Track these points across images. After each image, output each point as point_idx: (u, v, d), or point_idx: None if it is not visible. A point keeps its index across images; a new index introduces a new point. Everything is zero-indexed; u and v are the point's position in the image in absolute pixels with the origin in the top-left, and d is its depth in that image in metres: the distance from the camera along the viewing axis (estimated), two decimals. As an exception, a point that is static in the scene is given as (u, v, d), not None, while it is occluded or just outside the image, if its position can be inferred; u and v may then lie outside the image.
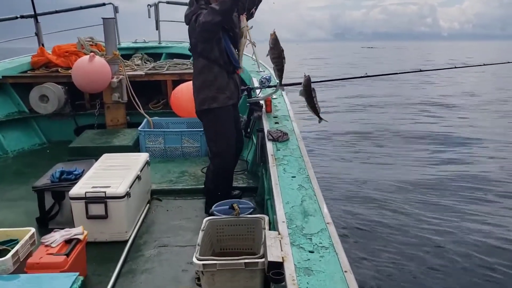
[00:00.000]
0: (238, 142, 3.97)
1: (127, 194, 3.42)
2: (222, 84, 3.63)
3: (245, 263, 2.64)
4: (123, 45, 7.40)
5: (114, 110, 5.75)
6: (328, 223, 2.42)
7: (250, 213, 3.40)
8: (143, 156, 4.07)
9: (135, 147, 5.14)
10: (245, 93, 4.58)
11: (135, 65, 6.62)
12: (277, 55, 3.70)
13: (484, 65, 4.70)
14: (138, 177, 3.72)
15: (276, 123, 4.13)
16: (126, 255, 3.28)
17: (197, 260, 2.66)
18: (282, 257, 2.09)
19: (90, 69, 5.25)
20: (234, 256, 3.16)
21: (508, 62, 5.01)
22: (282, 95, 4.88)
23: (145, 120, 5.52)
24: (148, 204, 4.08)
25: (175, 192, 4.32)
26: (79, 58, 5.46)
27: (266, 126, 4.00)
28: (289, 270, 1.98)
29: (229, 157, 3.75)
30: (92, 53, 5.38)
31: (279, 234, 2.32)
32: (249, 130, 4.58)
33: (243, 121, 4.68)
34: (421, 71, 4.60)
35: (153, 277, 3.04)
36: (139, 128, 5.26)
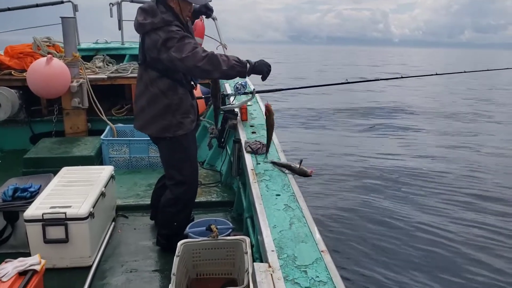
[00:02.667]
0: None
1: (91, 215, 3.06)
2: (187, 107, 3.19)
3: (227, 295, 2.36)
4: (83, 45, 6.93)
5: (74, 116, 5.31)
6: (322, 251, 2.17)
7: (228, 234, 3.12)
8: (108, 170, 3.70)
9: (97, 157, 4.74)
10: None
11: (97, 67, 6.18)
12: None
13: (465, 72, 4.63)
14: (102, 194, 3.36)
15: (253, 132, 3.87)
16: (90, 283, 2.92)
17: (173, 293, 2.35)
18: (277, 297, 1.82)
19: (48, 72, 4.81)
20: (211, 283, 2.89)
21: (488, 70, 4.97)
22: (258, 102, 4.62)
23: (107, 127, 5.13)
24: (113, 222, 3.72)
25: (143, 208, 3.96)
26: (35, 60, 5.01)
27: (243, 137, 3.72)
28: (288, 314, 1.72)
29: (195, 183, 3.36)
30: (49, 55, 4.94)
31: (269, 266, 2.05)
32: (223, 140, 4.29)
33: (215, 130, 4.40)
34: (402, 77, 4.45)
35: (122, 310, 2.70)
36: (101, 137, 4.87)
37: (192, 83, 3.31)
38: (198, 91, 4.55)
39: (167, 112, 3.14)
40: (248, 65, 2.99)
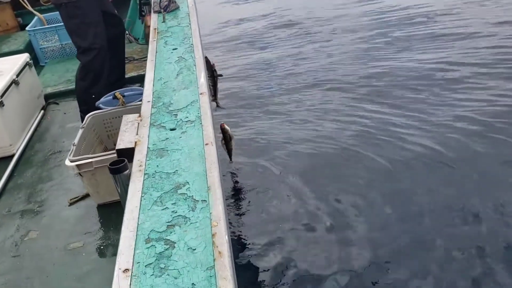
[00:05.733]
0: (115, 26, 3.43)
1: (-1, 103, 2.95)
2: None
3: (126, 155, 2.31)
4: None
5: (-1, 12, 5.00)
6: (201, 94, 2.05)
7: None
8: (22, 58, 3.52)
9: (29, 51, 4.51)
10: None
11: (19, -44, 5.67)
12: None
13: None
14: (14, 82, 3.22)
15: None
16: (12, 170, 2.91)
17: (70, 162, 2.31)
18: (135, 142, 1.75)
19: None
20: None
21: None
22: None
23: (35, 18, 4.82)
24: (42, 111, 3.63)
25: (74, 92, 3.83)
26: None
27: None
28: (139, 155, 1.65)
29: (102, 50, 3.18)
30: None
31: (139, 116, 1.95)
32: (143, 9, 4.00)
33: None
34: None
35: (41, 189, 2.71)
36: (27, 28, 4.60)
37: None
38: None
39: None
40: None
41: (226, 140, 2.99)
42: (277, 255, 3.06)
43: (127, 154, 1.71)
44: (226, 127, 2.95)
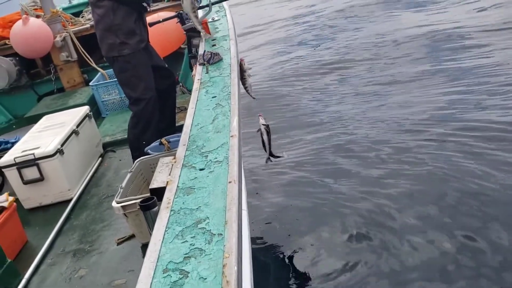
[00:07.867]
0: (165, 78, 3.71)
1: (59, 151, 3.24)
2: (131, 27, 3.33)
3: (166, 196, 2.45)
4: (74, 2, 7.04)
5: (68, 70, 5.50)
6: (232, 136, 2.17)
7: (187, 145, 3.18)
8: (82, 110, 3.86)
9: (92, 104, 4.92)
10: (177, 20, 4.22)
11: (87, 19, 6.28)
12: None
13: None
14: (74, 132, 3.53)
15: (213, 45, 3.82)
16: (69, 213, 3.15)
17: (116, 203, 2.49)
18: (167, 182, 1.88)
19: (27, 32, 4.96)
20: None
21: None
22: (226, 15, 4.50)
23: (98, 74, 5.27)
24: (100, 158, 3.92)
25: (129, 140, 4.12)
26: (14, 24, 5.17)
27: (202, 51, 3.69)
28: (169, 194, 1.77)
29: (152, 100, 3.45)
30: (24, 15, 5.08)
31: (174, 158, 2.10)
32: (191, 61, 4.27)
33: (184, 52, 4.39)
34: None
35: (93, 230, 2.91)
36: (90, 84, 5.04)
37: (145, 4, 3.48)
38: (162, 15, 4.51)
39: (110, 32, 3.32)
40: None
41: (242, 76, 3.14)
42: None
43: (159, 193, 1.85)
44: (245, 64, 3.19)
